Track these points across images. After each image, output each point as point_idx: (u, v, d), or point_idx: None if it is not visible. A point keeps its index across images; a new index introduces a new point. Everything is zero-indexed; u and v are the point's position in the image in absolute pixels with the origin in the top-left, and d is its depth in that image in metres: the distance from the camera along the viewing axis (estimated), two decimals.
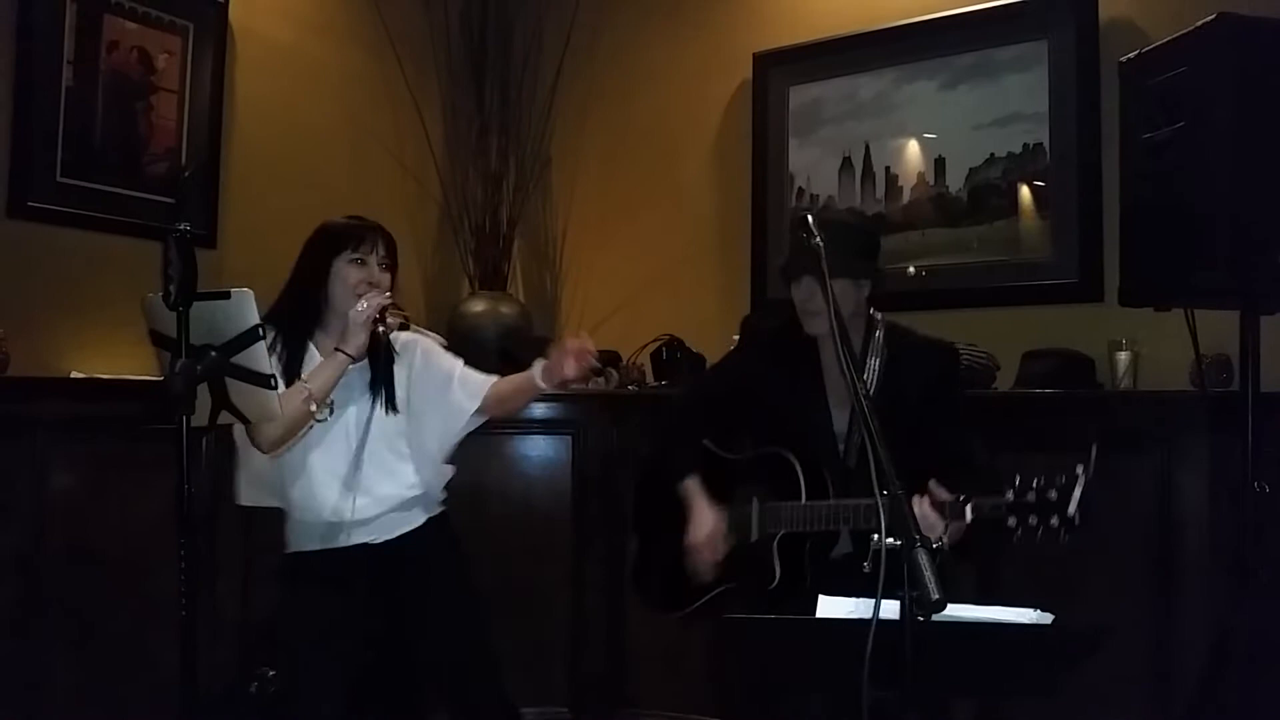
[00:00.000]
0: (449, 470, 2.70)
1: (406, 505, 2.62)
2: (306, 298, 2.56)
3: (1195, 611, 2.87)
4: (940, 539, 2.20)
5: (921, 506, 2.25)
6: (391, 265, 2.59)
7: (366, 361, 2.57)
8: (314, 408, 2.42)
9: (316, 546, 2.56)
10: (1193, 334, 2.52)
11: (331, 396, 2.53)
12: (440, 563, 2.65)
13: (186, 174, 3.69)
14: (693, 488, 2.62)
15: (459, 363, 2.69)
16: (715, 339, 2.96)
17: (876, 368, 2.55)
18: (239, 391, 2.25)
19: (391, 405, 2.60)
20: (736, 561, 2.59)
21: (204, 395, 2.24)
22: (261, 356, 2.19)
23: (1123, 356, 3.23)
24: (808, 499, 2.48)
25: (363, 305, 2.45)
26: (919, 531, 1.61)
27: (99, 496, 3.09)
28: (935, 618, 1.57)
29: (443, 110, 4.54)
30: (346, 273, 2.53)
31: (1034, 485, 2.18)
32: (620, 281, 4.41)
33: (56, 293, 3.35)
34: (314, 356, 2.54)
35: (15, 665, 2.93)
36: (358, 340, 2.46)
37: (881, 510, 1.64)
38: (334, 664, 2.49)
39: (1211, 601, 2.79)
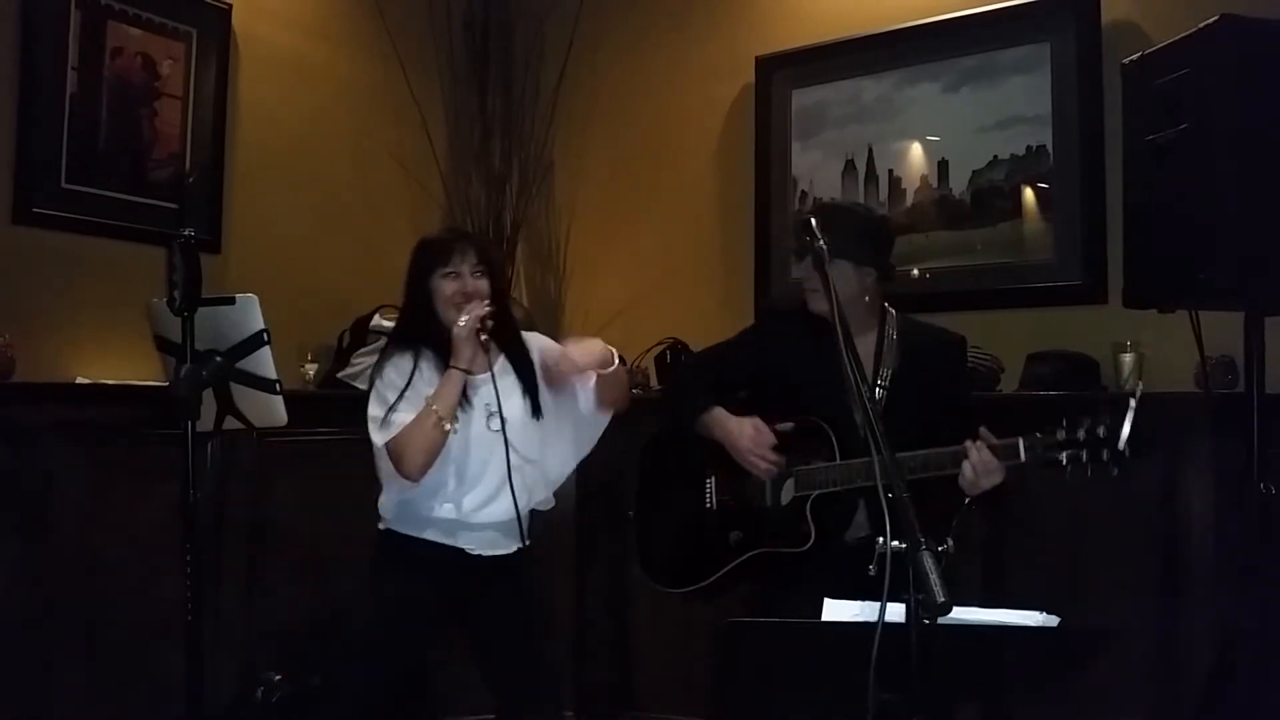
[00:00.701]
0: (549, 500, 2.73)
1: (512, 527, 2.61)
2: (423, 322, 2.59)
3: (1201, 613, 2.87)
4: (966, 504, 2.25)
5: (980, 453, 2.32)
6: (488, 270, 2.60)
7: (510, 364, 2.63)
8: (447, 427, 2.45)
9: (426, 536, 2.57)
10: (1197, 336, 2.52)
11: (489, 403, 2.56)
12: (517, 589, 2.67)
13: (191, 179, 3.70)
14: (716, 411, 2.63)
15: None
16: (719, 341, 2.99)
17: (893, 352, 2.59)
18: (244, 397, 2.26)
19: (537, 411, 2.63)
20: (765, 525, 2.60)
21: (209, 400, 2.25)
22: (266, 361, 2.20)
23: (1127, 358, 3.22)
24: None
25: (463, 319, 2.48)
26: (925, 533, 1.61)
27: (104, 502, 3.09)
28: (941, 621, 1.57)
29: (445, 114, 4.54)
30: (442, 288, 2.57)
31: (1084, 422, 2.27)
32: (623, 285, 4.41)
33: (61, 298, 3.36)
34: (430, 373, 2.57)
35: (21, 671, 2.93)
36: (465, 354, 2.49)
37: (886, 510, 1.64)
38: (401, 647, 2.55)
39: (1217, 603, 2.79)
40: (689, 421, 2.68)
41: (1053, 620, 1.69)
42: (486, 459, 2.55)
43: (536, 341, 2.75)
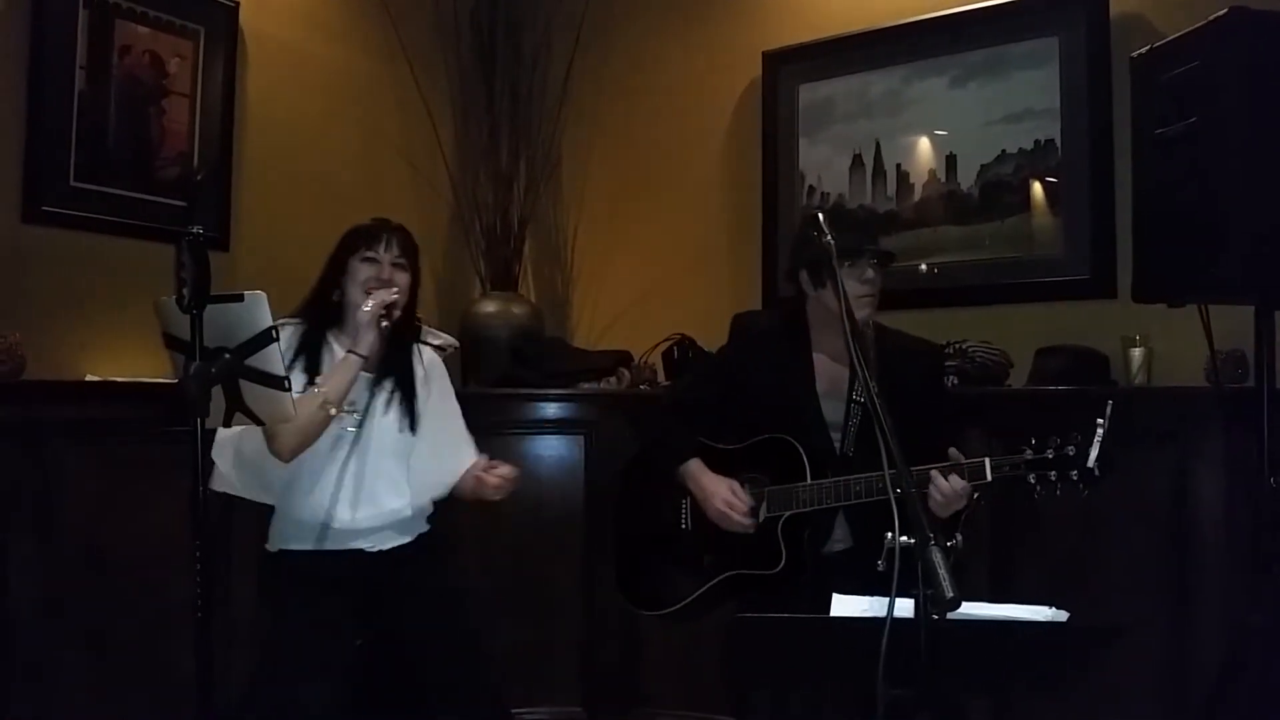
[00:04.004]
0: (429, 505, 2.73)
1: (402, 524, 2.64)
2: (325, 297, 2.61)
3: (1211, 609, 2.86)
4: (965, 514, 2.24)
5: (950, 480, 2.29)
6: (409, 266, 2.62)
7: (390, 373, 2.63)
8: (332, 411, 2.43)
9: (308, 547, 2.56)
10: (1207, 330, 2.52)
11: (353, 401, 2.55)
12: (427, 576, 2.65)
13: (199, 177, 3.70)
14: (694, 465, 2.63)
15: (459, 416, 2.77)
16: (726, 339, 3.00)
17: (871, 362, 2.56)
18: (253, 393, 2.26)
19: (411, 425, 2.62)
20: (738, 547, 2.59)
21: (218, 397, 2.25)
22: (275, 359, 2.20)
23: (1136, 353, 3.22)
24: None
25: (368, 304, 2.47)
26: (933, 529, 1.61)
27: (113, 499, 3.10)
28: (950, 616, 1.57)
29: (453, 111, 4.54)
30: (358, 270, 2.57)
31: (1052, 441, 2.24)
32: (631, 281, 4.41)
33: (70, 296, 3.36)
34: (335, 356, 2.56)
35: (30, 670, 2.94)
36: (366, 339, 2.49)
37: (895, 508, 1.64)
38: (324, 665, 2.46)
39: (1227, 598, 2.78)
40: (670, 471, 2.69)
41: (1062, 615, 1.69)
42: (340, 459, 2.54)
43: (441, 370, 2.76)
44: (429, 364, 2.75)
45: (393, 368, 2.65)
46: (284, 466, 2.51)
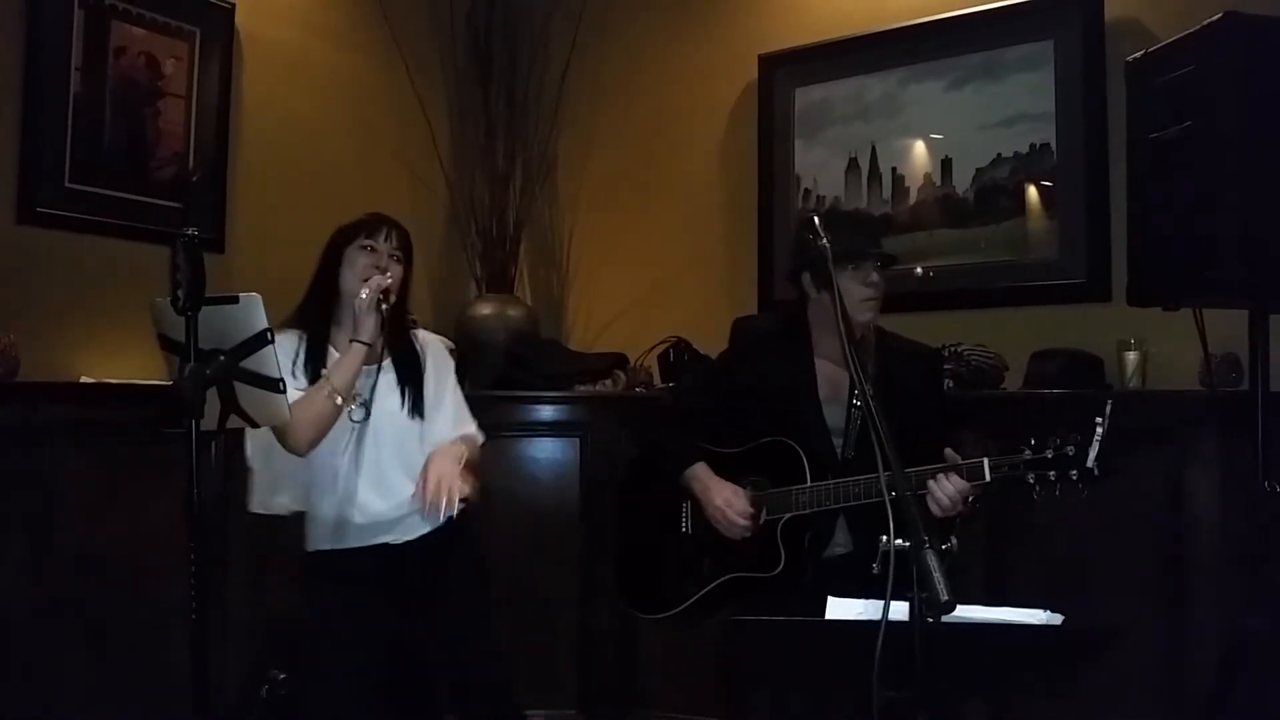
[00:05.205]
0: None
1: (411, 519, 2.62)
2: (322, 290, 2.60)
3: (1206, 612, 2.86)
4: (966, 511, 2.24)
5: (951, 480, 2.28)
6: (404, 259, 2.61)
7: (392, 361, 2.61)
8: (339, 401, 2.44)
9: (334, 546, 2.56)
10: (1201, 333, 2.52)
11: (361, 393, 2.55)
12: (456, 565, 2.66)
13: (194, 179, 3.69)
14: (700, 468, 2.63)
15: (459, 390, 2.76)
16: (722, 341, 2.99)
17: (869, 367, 2.56)
18: (248, 395, 2.25)
19: (417, 409, 2.61)
20: (737, 550, 2.59)
21: (213, 399, 2.24)
22: (270, 360, 2.20)
23: (1131, 356, 3.22)
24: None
25: (364, 292, 2.47)
26: (928, 532, 1.61)
27: (109, 501, 3.10)
28: (945, 619, 1.57)
29: (449, 112, 4.55)
30: (355, 257, 2.57)
31: (1051, 442, 2.23)
32: (627, 283, 4.41)
33: (65, 298, 3.36)
34: (333, 353, 2.56)
35: (28, 671, 2.94)
36: (367, 325, 2.48)
37: (890, 511, 1.64)
38: (351, 662, 2.51)
39: (1223, 602, 2.78)
40: (673, 477, 2.69)
41: (1056, 618, 1.69)
42: (351, 451, 2.53)
43: (438, 348, 2.76)
44: (429, 348, 2.74)
45: (393, 355, 2.65)
46: (302, 464, 2.51)
